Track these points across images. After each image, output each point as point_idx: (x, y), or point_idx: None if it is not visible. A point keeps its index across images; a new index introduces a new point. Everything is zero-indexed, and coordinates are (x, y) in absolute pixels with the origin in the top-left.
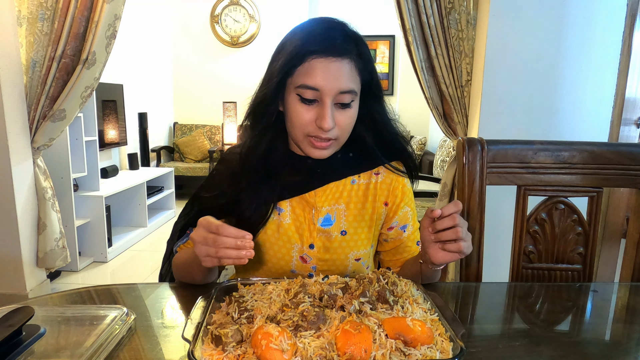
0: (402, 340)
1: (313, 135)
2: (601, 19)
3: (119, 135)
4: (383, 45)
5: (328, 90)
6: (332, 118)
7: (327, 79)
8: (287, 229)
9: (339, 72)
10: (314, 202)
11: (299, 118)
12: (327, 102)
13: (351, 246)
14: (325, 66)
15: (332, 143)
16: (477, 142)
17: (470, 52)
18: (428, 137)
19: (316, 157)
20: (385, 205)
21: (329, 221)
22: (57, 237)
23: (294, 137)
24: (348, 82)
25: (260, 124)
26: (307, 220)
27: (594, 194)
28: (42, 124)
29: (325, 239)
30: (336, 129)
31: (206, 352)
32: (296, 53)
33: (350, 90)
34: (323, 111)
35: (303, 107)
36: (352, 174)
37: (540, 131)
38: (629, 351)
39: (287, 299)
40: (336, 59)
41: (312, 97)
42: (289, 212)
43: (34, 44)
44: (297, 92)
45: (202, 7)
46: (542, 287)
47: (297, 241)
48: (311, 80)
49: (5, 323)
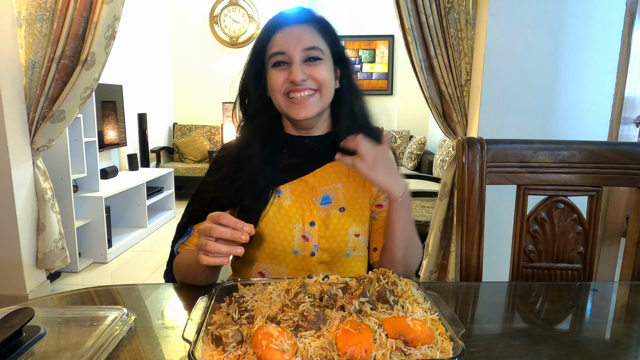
0: (402, 340)
1: (290, 93)
2: (600, 18)
3: (119, 136)
4: (382, 45)
5: (293, 49)
6: (302, 71)
7: (290, 41)
8: (288, 209)
9: (300, 33)
10: (312, 182)
11: (274, 82)
12: (295, 60)
13: (350, 222)
14: (288, 32)
15: (313, 97)
16: (476, 141)
17: (469, 52)
18: (427, 136)
19: (301, 117)
20: None
21: (327, 199)
22: (57, 238)
23: (278, 105)
24: (311, 40)
25: (249, 107)
26: (307, 200)
27: (594, 193)
28: (42, 125)
29: (325, 217)
30: (311, 80)
31: (206, 352)
32: (264, 34)
33: (313, 46)
34: (292, 67)
35: (276, 72)
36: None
37: (539, 130)
38: (629, 350)
39: (287, 299)
40: (297, 25)
41: (281, 59)
42: (288, 194)
43: (33, 45)
44: (270, 64)
45: (201, 7)
46: (542, 286)
47: (299, 220)
48: (277, 47)
49: (6, 324)
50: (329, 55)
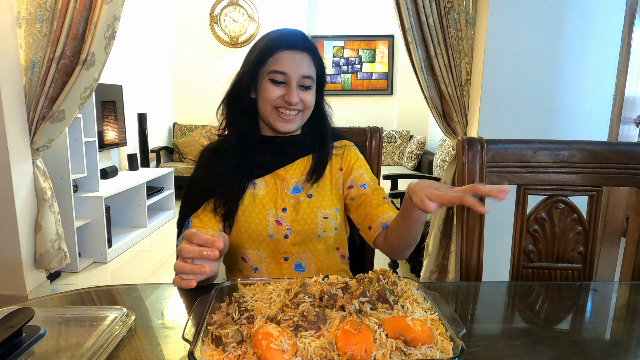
0: (402, 339)
1: (281, 108)
2: (600, 18)
3: (119, 136)
4: (382, 45)
5: (293, 73)
6: (297, 95)
7: (292, 65)
8: (262, 198)
9: (301, 61)
10: (285, 175)
11: (270, 94)
12: (292, 83)
13: (317, 206)
14: (291, 56)
15: (297, 116)
16: (476, 141)
17: (469, 52)
18: (427, 136)
19: (284, 130)
20: (340, 170)
21: (297, 189)
22: (53, 238)
23: (264, 113)
24: (308, 70)
25: (235, 106)
26: (279, 190)
27: (594, 193)
28: (42, 125)
29: (295, 203)
30: (300, 104)
31: (206, 352)
32: (268, 48)
33: (309, 76)
34: (290, 89)
35: (273, 87)
36: (313, 152)
37: (539, 130)
38: (629, 350)
39: (287, 299)
40: (299, 52)
41: (281, 79)
42: (262, 186)
43: (33, 44)
44: (269, 77)
45: (201, 7)
46: (542, 286)
47: (272, 207)
48: (280, 67)
49: (6, 324)
50: (314, 83)
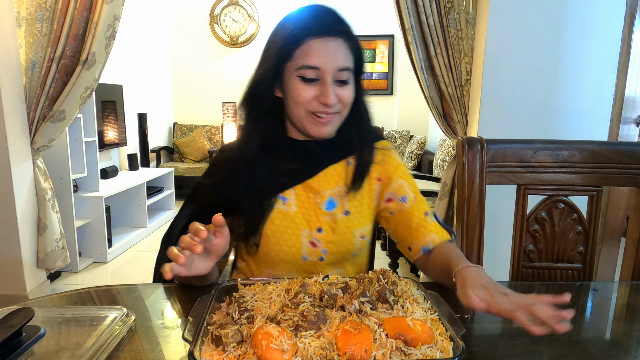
0: (402, 339)
1: (316, 112)
2: (600, 18)
3: (119, 136)
4: (382, 45)
5: (328, 68)
6: (334, 94)
7: (325, 57)
8: (294, 216)
9: (336, 50)
10: (317, 187)
11: (302, 96)
12: (327, 80)
13: (355, 224)
14: (323, 45)
15: (335, 117)
16: (476, 141)
17: (469, 52)
18: (428, 136)
19: (319, 135)
20: (379, 181)
21: (332, 204)
22: (57, 237)
23: (296, 116)
24: (345, 60)
25: (257, 108)
26: (313, 205)
27: (594, 193)
28: (42, 125)
29: (331, 221)
30: (338, 104)
31: (206, 352)
32: (293, 36)
33: (347, 67)
34: (325, 88)
35: (305, 86)
36: (347, 156)
37: (539, 130)
38: (629, 350)
39: (287, 299)
40: (332, 39)
41: (313, 76)
42: (294, 200)
43: (33, 44)
44: (298, 73)
45: (201, 7)
46: (542, 286)
47: (306, 227)
48: (311, 60)
49: (6, 324)
50: (352, 74)
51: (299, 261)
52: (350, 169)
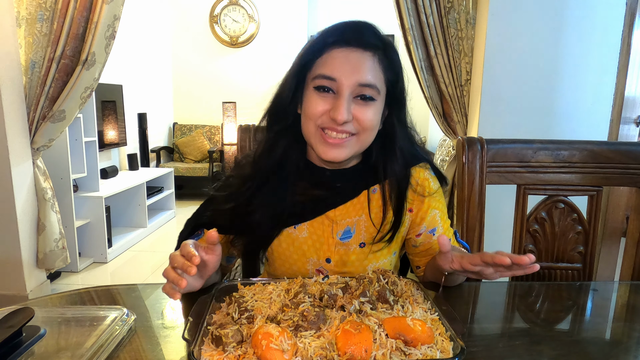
0: (402, 339)
1: (325, 129)
2: (600, 18)
3: (119, 136)
4: None
5: (346, 80)
6: (347, 110)
7: (345, 68)
8: (303, 243)
9: (359, 62)
10: (334, 215)
11: (313, 108)
12: (343, 94)
13: (370, 258)
14: (345, 56)
15: (348, 140)
16: (476, 141)
17: (469, 52)
18: (428, 136)
19: (328, 158)
20: (410, 212)
21: (348, 234)
22: (57, 237)
23: (306, 134)
24: (369, 75)
25: (277, 125)
26: (326, 234)
27: (594, 193)
28: (42, 125)
29: (343, 253)
30: (354, 123)
31: (206, 352)
32: (316, 45)
33: (371, 84)
34: (338, 101)
35: (318, 97)
36: (371, 185)
37: (539, 130)
38: (629, 350)
39: (287, 299)
40: (357, 50)
41: (328, 85)
42: (306, 226)
43: (33, 44)
44: (314, 84)
45: (201, 7)
46: (542, 286)
47: (313, 255)
48: (328, 69)
49: (6, 324)
50: (383, 95)
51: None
52: (374, 197)
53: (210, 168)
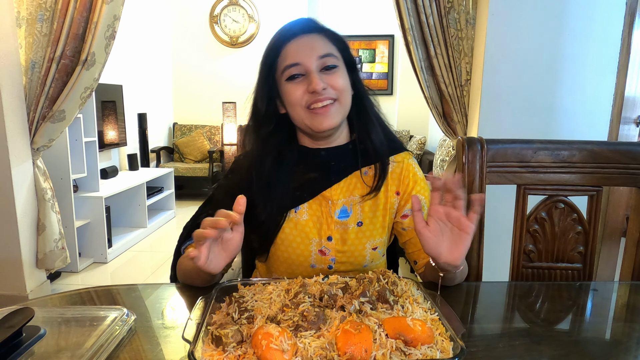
0: (402, 340)
1: (311, 104)
2: (600, 18)
3: (119, 136)
4: (382, 45)
5: (307, 59)
6: (321, 79)
7: (303, 51)
8: (305, 225)
9: (312, 42)
10: (330, 195)
11: (293, 95)
12: (311, 69)
13: (367, 236)
14: (298, 42)
15: (333, 105)
16: (476, 141)
17: (469, 52)
18: (428, 136)
19: (324, 127)
20: (397, 195)
21: (345, 213)
22: (57, 238)
23: (298, 120)
24: (324, 48)
25: (263, 129)
26: (325, 214)
27: (594, 193)
28: (42, 125)
29: (342, 231)
30: (330, 89)
31: (206, 352)
32: (271, 49)
33: (328, 53)
34: (310, 77)
35: (293, 85)
36: (364, 166)
37: (539, 130)
38: (629, 350)
39: (287, 299)
40: (305, 35)
41: (296, 72)
42: (306, 209)
43: (33, 44)
44: (284, 77)
45: (201, 7)
46: (542, 286)
47: (315, 236)
48: (290, 59)
49: (6, 324)
50: (342, 62)
51: (307, 269)
52: (366, 179)
53: (210, 168)
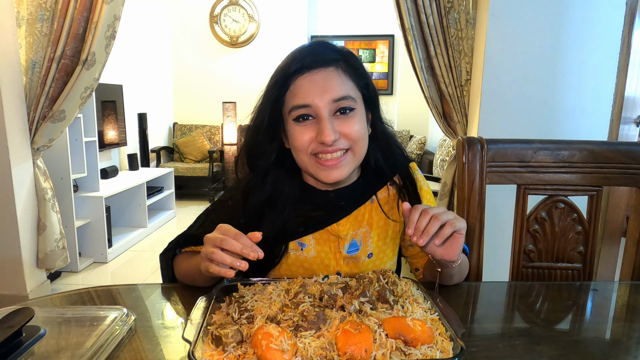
0: (402, 339)
1: (318, 154)
2: (600, 18)
3: (119, 136)
4: (382, 45)
5: (319, 102)
6: (332, 130)
7: (315, 91)
8: (312, 262)
9: (326, 81)
10: (337, 230)
11: (299, 140)
12: (323, 115)
13: (377, 265)
14: (310, 79)
15: (344, 157)
16: (476, 141)
17: (469, 52)
18: (428, 136)
19: (333, 179)
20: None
21: (355, 246)
22: (57, 237)
23: (302, 165)
24: (340, 89)
25: (260, 160)
26: (333, 249)
27: (594, 193)
28: (42, 125)
29: (352, 265)
30: (342, 139)
31: (206, 352)
32: (279, 80)
33: (344, 96)
34: (320, 125)
35: (300, 128)
36: (371, 195)
37: (539, 130)
38: (629, 350)
39: (287, 299)
40: (320, 69)
41: (305, 113)
42: (312, 246)
43: (34, 44)
44: (291, 117)
45: (201, 7)
46: (542, 286)
47: (323, 272)
48: (299, 99)
49: (6, 324)
50: (361, 102)
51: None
52: (375, 207)
53: (210, 168)
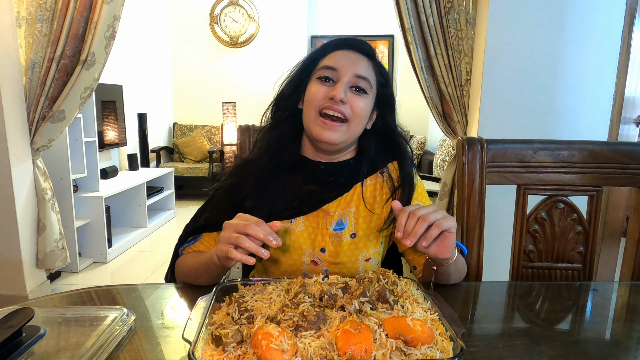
0: (402, 339)
1: (324, 110)
2: (600, 18)
3: (119, 136)
4: (382, 45)
5: (345, 70)
6: (344, 91)
7: (345, 62)
8: (299, 236)
9: (357, 60)
10: (327, 208)
11: (315, 95)
12: (342, 80)
13: (360, 248)
14: (346, 54)
15: (340, 126)
16: (476, 141)
17: (469, 52)
18: (428, 136)
19: (323, 139)
20: None
21: (341, 225)
22: (57, 238)
23: (307, 120)
24: (364, 70)
25: (279, 113)
26: (320, 225)
27: (594, 193)
28: (42, 125)
29: (336, 243)
30: (348, 108)
31: (206, 352)
32: (320, 49)
33: (365, 77)
34: (337, 84)
35: (320, 85)
36: (362, 179)
37: (539, 130)
38: (629, 350)
39: (287, 299)
40: (356, 52)
41: (330, 75)
42: (302, 220)
43: (33, 44)
44: (317, 74)
45: (201, 7)
46: (542, 286)
47: (309, 247)
48: (331, 62)
49: (6, 324)
50: (373, 94)
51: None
52: (367, 189)
53: (210, 168)
